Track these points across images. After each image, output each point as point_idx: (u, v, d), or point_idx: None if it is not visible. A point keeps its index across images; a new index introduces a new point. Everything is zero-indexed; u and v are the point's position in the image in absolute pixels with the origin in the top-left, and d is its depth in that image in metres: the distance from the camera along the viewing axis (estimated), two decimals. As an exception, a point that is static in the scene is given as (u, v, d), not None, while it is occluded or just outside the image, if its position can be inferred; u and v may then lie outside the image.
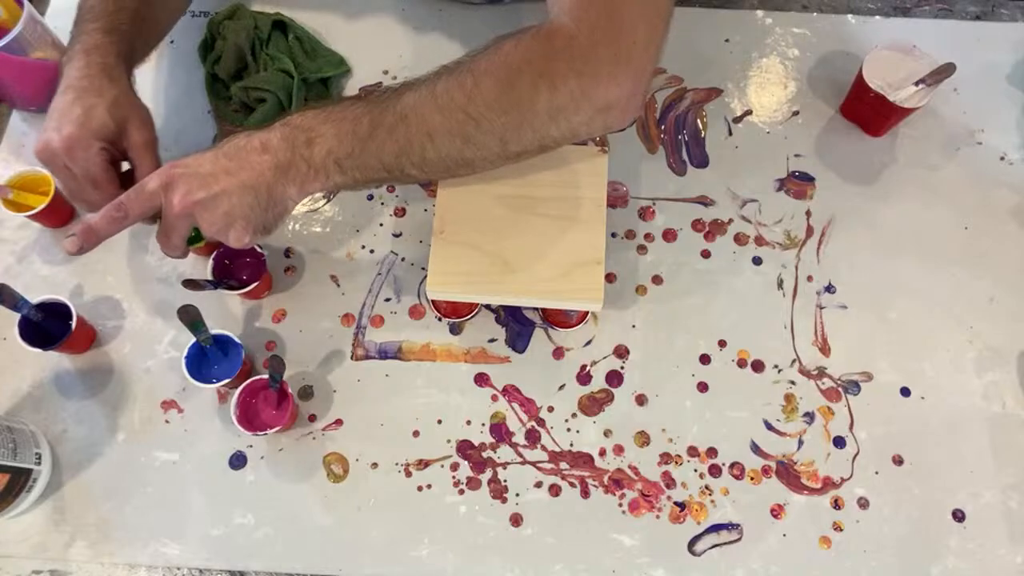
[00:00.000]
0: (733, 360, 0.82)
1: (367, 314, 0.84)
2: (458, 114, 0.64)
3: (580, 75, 0.63)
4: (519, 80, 0.63)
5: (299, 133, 0.65)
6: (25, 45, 0.84)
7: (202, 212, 0.65)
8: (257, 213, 0.66)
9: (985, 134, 0.92)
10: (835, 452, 0.78)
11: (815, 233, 0.87)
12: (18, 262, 0.86)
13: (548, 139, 0.67)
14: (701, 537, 0.75)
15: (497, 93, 0.64)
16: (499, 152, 0.67)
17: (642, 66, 0.65)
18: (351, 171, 0.66)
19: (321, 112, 0.66)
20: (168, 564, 0.74)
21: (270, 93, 0.87)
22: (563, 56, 0.63)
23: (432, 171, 0.69)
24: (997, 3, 1.00)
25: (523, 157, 0.69)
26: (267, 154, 0.65)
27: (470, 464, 0.78)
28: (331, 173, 0.66)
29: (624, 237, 0.87)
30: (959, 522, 0.76)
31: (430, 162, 0.67)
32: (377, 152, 0.66)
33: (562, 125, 0.66)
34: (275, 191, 0.66)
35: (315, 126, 0.65)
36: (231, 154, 0.65)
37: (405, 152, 0.66)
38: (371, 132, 0.65)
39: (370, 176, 0.67)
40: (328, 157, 0.65)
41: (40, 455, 0.75)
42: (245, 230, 0.66)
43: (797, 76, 0.96)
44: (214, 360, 0.78)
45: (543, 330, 0.83)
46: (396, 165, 0.66)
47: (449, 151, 0.66)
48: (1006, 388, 0.80)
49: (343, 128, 0.65)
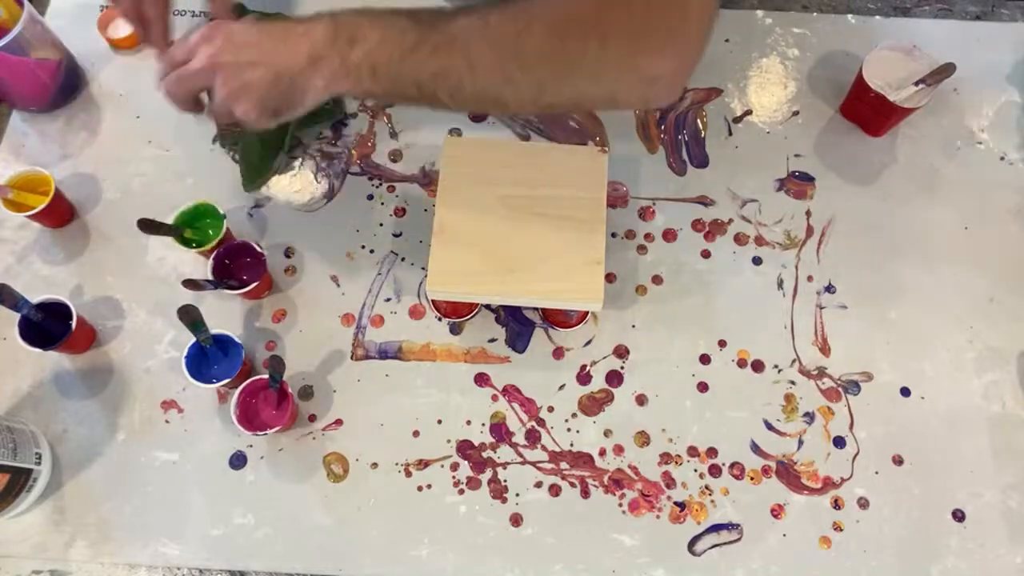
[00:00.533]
0: (733, 360, 0.82)
1: (367, 314, 0.84)
2: (505, 51, 0.63)
3: (633, 38, 0.62)
4: (571, 29, 0.62)
5: (343, 30, 0.65)
6: (25, 45, 0.84)
7: (223, 74, 0.65)
8: (274, 95, 0.66)
9: (985, 134, 0.92)
10: (835, 452, 0.78)
11: (815, 233, 0.87)
12: (18, 262, 0.86)
13: (585, 98, 0.66)
14: (701, 537, 0.75)
15: (547, 37, 0.62)
16: (534, 99, 0.66)
17: (693, 45, 0.64)
18: (384, 80, 0.65)
19: (370, 16, 0.66)
20: (168, 564, 0.74)
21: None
22: (619, 14, 0.62)
23: (463, 103, 0.68)
24: (997, 3, 1.00)
25: (555, 109, 0.69)
26: (306, 42, 0.65)
27: (470, 464, 0.78)
28: (363, 77, 0.65)
29: (624, 237, 0.87)
30: (959, 522, 0.76)
31: (464, 93, 0.66)
32: (415, 68, 0.65)
33: (603, 86, 0.65)
34: (300, 80, 0.66)
35: (361, 26, 0.65)
36: (274, 33, 0.66)
37: (443, 76, 0.65)
38: (415, 46, 0.64)
39: (401, 91, 0.67)
40: (365, 60, 0.64)
41: (40, 455, 0.75)
42: (255, 107, 0.67)
43: (797, 76, 0.96)
44: (214, 360, 0.78)
45: (543, 330, 0.83)
46: (430, 87, 0.65)
47: (486, 87, 0.65)
48: (1006, 388, 0.80)
49: (388, 35, 0.64)
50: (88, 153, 0.91)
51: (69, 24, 0.96)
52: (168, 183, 0.89)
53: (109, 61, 0.96)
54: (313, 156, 0.91)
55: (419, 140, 0.92)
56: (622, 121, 0.93)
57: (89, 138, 0.92)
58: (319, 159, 0.91)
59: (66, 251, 0.86)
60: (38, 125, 0.92)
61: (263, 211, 0.88)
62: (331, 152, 0.91)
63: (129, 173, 0.90)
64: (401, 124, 0.93)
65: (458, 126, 0.93)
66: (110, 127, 0.92)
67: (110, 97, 0.94)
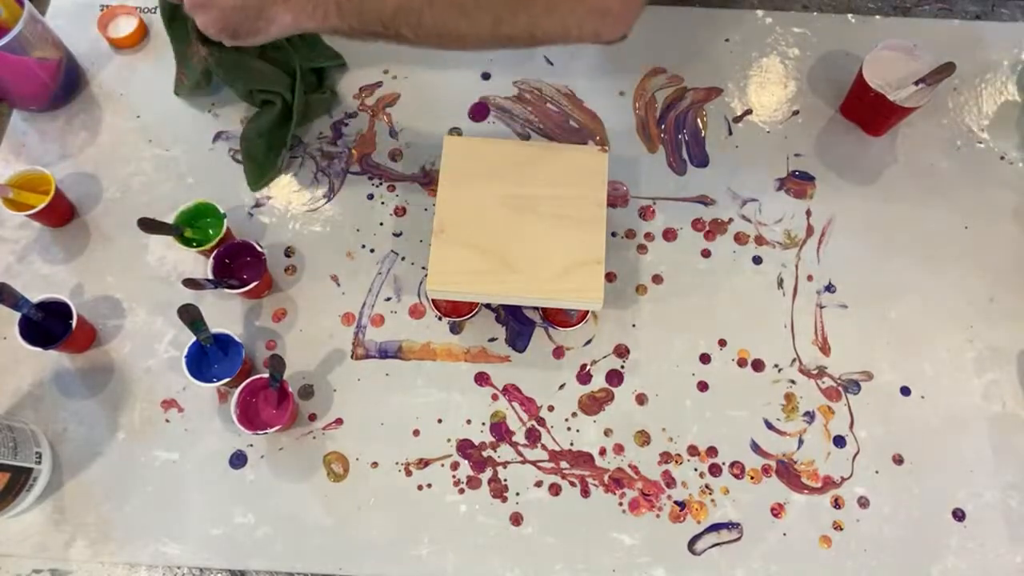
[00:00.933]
0: (733, 359, 0.82)
1: (367, 313, 0.84)
2: None
3: None
4: None
5: None
6: (25, 44, 0.84)
7: None
8: (238, 17, 0.72)
9: (985, 134, 0.92)
10: (835, 451, 0.78)
11: (815, 232, 0.87)
12: (18, 261, 0.86)
13: (539, 31, 0.69)
14: (701, 536, 0.75)
15: None
16: (491, 32, 0.69)
17: None
18: (349, 17, 0.70)
19: None
20: (168, 563, 0.74)
21: (278, 95, 0.87)
22: None
23: (425, 38, 0.71)
24: (997, 3, 1.00)
25: (514, 44, 0.72)
26: None
27: (470, 463, 0.78)
28: (330, 14, 0.70)
29: (624, 236, 0.87)
30: (959, 521, 0.76)
31: (425, 27, 0.69)
32: (378, 5, 0.69)
33: (556, 18, 0.67)
34: (269, 9, 0.71)
35: None
36: None
37: (403, 11, 0.68)
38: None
39: (367, 27, 0.71)
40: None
41: (40, 454, 0.75)
42: (216, 21, 0.72)
43: (797, 76, 0.96)
44: (214, 359, 0.78)
45: (543, 329, 0.83)
46: (392, 23, 0.69)
47: (445, 20, 0.69)
48: (1006, 388, 0.80)
49: None
50: (88, 153, 0.91)
51: (69, 23, 0.96)
52: (168, 183, 0.89)
53: (109, 61, 0.96)
54: (313, 156, 0.91)
55: (419, 139, 0.92)
56: (622, 121, 0.93)
57: (89, 138, 0.92)
58: (319, 159, 0.91)
59: (66, 250, 0.86)
60: (38, 124, 0.92)
61: (263, 210, 0.88)
62: (331, 152, 0.91)
63: (129, 173, 0.90)
64: (401, 123, 0.93)
65: (458, 126, 0.93)
66: (110, 127, 0.92)
67: (110, 97, 0.94)
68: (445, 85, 0.94)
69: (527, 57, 0.96)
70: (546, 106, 0.94)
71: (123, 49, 0.96)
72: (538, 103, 0.94)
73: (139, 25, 0.95)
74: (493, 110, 0.93)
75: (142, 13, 0.97)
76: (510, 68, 0.95)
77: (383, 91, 0.94)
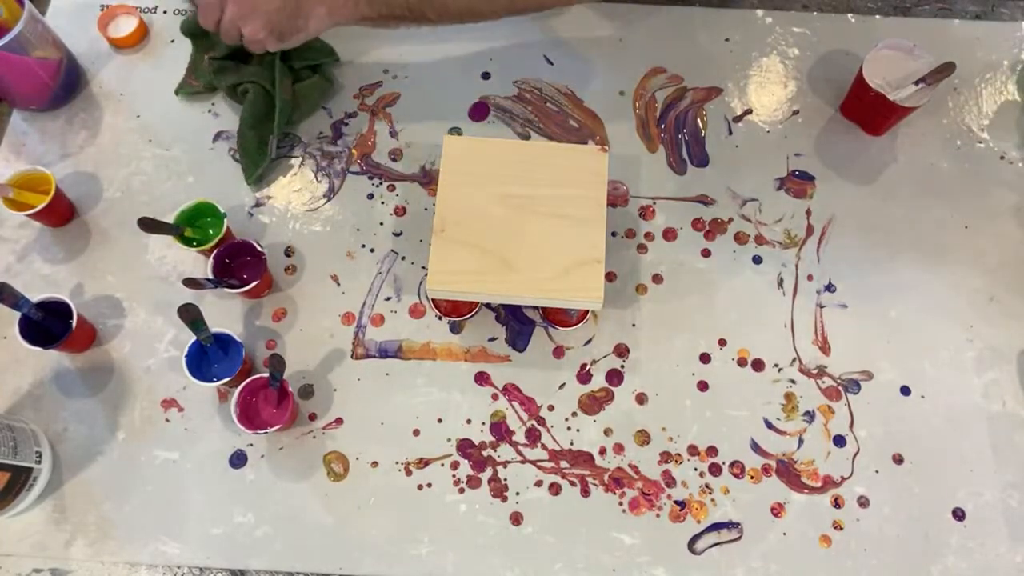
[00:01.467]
0: (733, 359, 0.82)
1: (367, 313, 0.84)
2: None
3: None
4: None
5: None
6: (26, 44, 0.84)
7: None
8: (281, 18, 0.75)
9: (985, 134, 0.92)
10: (835, 451, 0.78)
11: (815, 232, 0.87)
12: (18, 261, 0.86)
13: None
14: (701, 536, 0.75)
15: None
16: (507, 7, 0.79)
17: None
18: (378, 5, 0.76)
19: None
20: (168, 563, 0.74)
21: (253, 84, 0.87)
22: None
23: (448, 18, 0.79)
24: (997, 3, 1.00)
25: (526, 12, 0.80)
26: None
27: (470, 463, 0.78)
28: (360, 3, 0.76)
29: (624, 236, 0.87)
30: (959, 521, 0.76)
31: (449, 10, 0.78)
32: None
33: None
34: (305, 6, 0.75)
35: None
36: None
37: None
38: None
39: (393, 12, 0.77)
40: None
41: (40, 454, 0.75)
42: (263, 27, 0.75)
43: (797, 75, 0.96)
44: (214, 359, 0.78)
45: (543, 329, 0.83)
46: (419, 6, 0.77)
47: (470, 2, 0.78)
48: (1006, 387, 0.80)
49: None
50: (88, 152, 0.91)
51: (69, 23, 0.96)
52: (168, 182, 0.89)
53: (109, 60, 0.96)
54: (313, 155, 0.91)
55: (419, 139, 0.92)
56: (622, 121, 0.93)
57: (89, 137, 0.92)
58: (319, 159, 0.91)
59: (66, 250, 0.86)
60: (38, 124, 0.92)
61: (263, 210, 0.88)
62: (331, 152, 0.91)
63: (129, 172, 0.90)
64: (401, 123, 0.93)
65: (458, 125, 0.93)
66: (110, 126, 0.92)
67: (110, 96, 0.94)
68: (445, 85, 0.94)
69: (527, 57, 0.96)
70: (546, 106, 0.94)
71: (123, 49, 0.96)
72: (538, 103, 0.94)
73: (139, 25, 0.95)
74: (493, 110, 0.94)
75: (142, 13, 0.97)
76: (510, 68, 0.95)
77: (383, 91, 0.94)
